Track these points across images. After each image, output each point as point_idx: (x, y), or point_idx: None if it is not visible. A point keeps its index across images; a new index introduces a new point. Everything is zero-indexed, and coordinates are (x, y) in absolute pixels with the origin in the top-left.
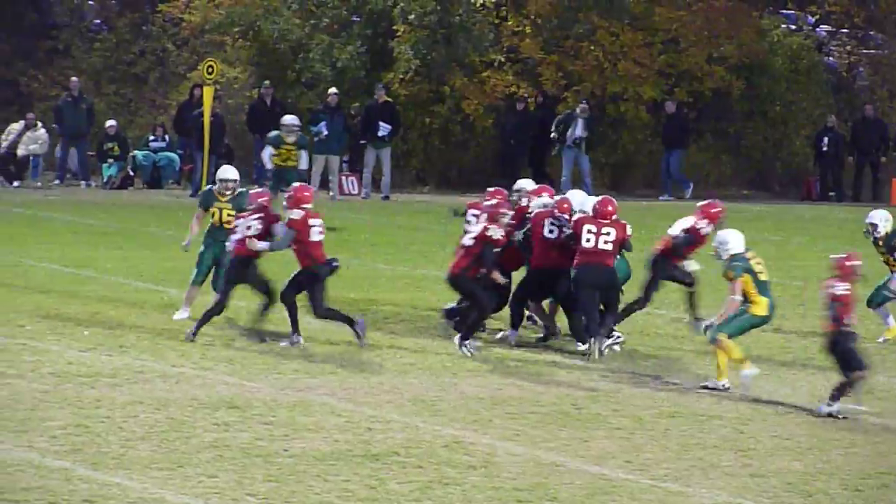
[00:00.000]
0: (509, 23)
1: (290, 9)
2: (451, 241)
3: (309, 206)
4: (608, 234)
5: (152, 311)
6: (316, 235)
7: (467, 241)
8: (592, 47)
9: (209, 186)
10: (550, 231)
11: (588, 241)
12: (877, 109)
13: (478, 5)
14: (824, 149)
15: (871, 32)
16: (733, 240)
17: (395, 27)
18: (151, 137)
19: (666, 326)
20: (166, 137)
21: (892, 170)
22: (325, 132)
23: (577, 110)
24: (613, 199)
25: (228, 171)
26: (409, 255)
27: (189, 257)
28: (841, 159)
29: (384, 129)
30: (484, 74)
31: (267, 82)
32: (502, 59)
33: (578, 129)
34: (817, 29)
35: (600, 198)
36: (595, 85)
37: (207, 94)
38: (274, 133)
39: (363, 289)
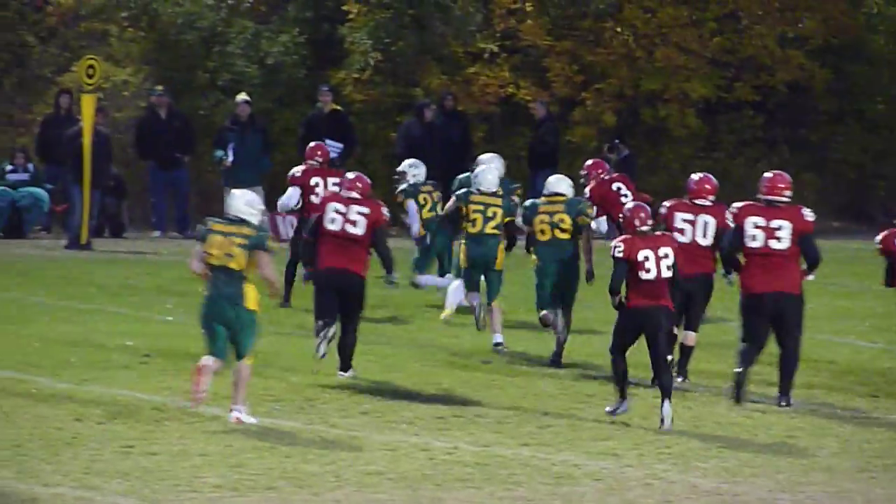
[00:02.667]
0: None
1: None
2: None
3: None
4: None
5: (19, 409)
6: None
7: None
8: (619, 29)
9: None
10: None
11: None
12: None
13: None
14: None
15: None
16: None
17: (345, 7)
18: (9, 167)
19: None
20: (29, 167)
21: None
22: (231, 158)
23: (606, 150)
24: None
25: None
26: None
27: (71, 336)
28: None
29: (333, 148)
30: (471, 70)
31: (159, 88)
32: (495, 49)
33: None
34: None
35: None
36: (624, 81)
37: (87, 104)
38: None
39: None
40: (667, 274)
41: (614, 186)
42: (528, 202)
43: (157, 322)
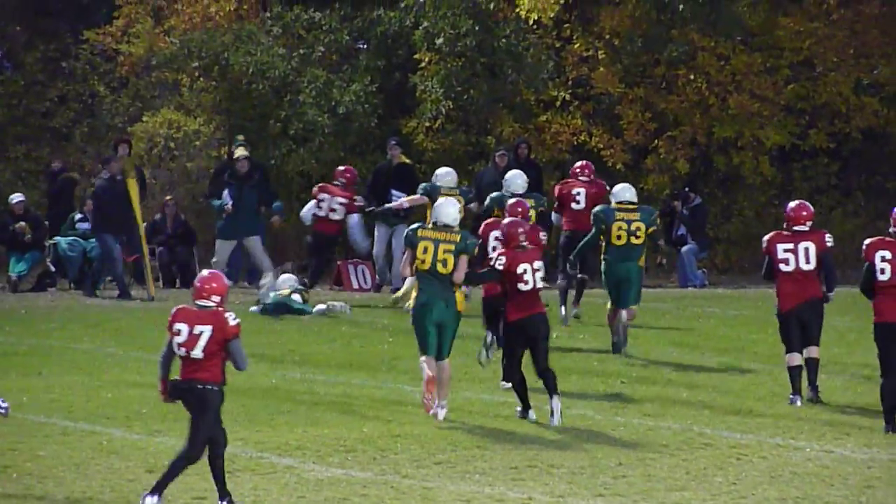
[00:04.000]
0: (575, 46)
1: (270, 34)
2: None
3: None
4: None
5: (91, 460)
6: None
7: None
8: (693, 76)
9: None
10: None
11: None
12: None
13: (531, 23)
14: None
15: None
16: None
17: (417, 56)
18: (78, 216)
19: None
20: None
21: None
22: (230, 202)
23: (673, 199)
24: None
25: None
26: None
27: (143, 386)
28: None
29: (398, 198)
30: (542, 118)
31: (241, 137)
32: (567, 97)
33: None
34: None
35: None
36: (697, 128)
37: (132, 188)
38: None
39: (385, 419)
40: (540, 285)
41: (574, 191)
42: (601, 207)
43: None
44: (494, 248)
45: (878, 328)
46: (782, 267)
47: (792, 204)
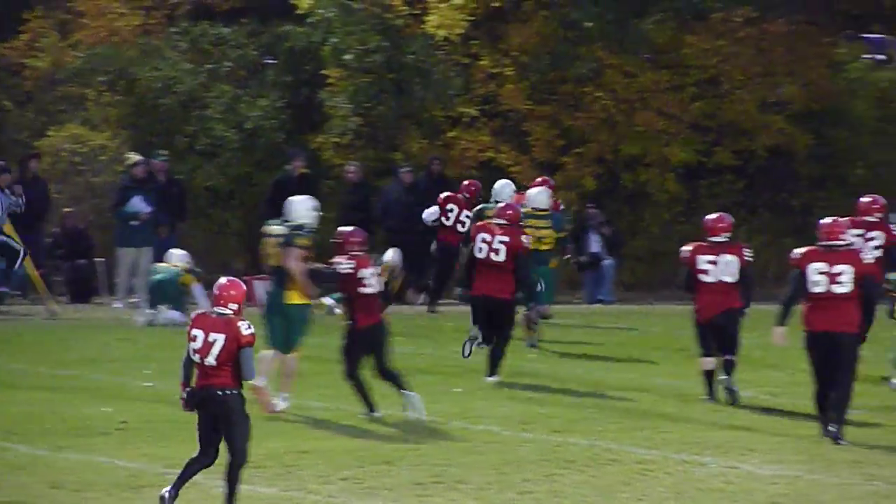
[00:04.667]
0: (483, 62)
1: (176, 49)
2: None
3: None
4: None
5: None
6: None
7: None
8: (599, 93)
9: None
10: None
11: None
12: None
13: (439, 40)
14: None
15: None
16: None
17: (325, 72)
18: None
19: None
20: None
21: None
22: (149, 208)
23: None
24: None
25: None
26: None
27: (50, 402)
28: None
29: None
30: (451, 135)
31: (164, 153)
32: (475, 113)
33: (593, 245)
34: None
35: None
36: (604, 146)
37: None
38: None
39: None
40: (381, 289)
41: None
42: None
43: (135, 388)
44: (481, 250)
45: (810, 338)
46: (703, 278)
47: (711, 215)
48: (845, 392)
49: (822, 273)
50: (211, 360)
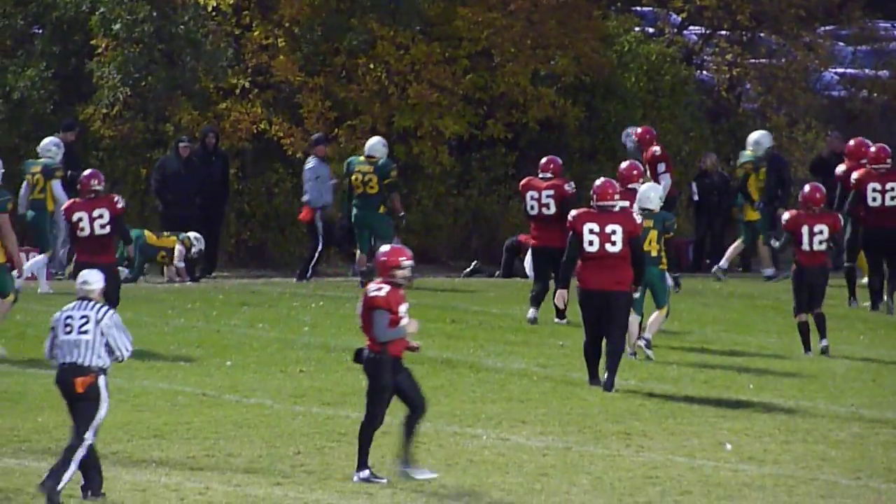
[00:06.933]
0: (255, 33)
1: None
2: None
3: None
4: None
5: None
6: None
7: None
8: (372, 65)
9: None
10: None
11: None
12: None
13: (210, 10)
14: (695, 198)
15: (761, 34)
16: None
17: (94, 42)
18: None
19: None
20: None
21: None
22: None
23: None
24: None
25: None
26: None
27: None
28: (724, 212)
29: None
30: (222, 106)
31: None
32: (247, 85)
33: None
34: (685, 32)
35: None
36: (377, 118)
37: None
38: None
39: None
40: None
41: None
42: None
43: None
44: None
45: (583, 295)
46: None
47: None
48: (617, 345)
49: (595, 233)
50: None
